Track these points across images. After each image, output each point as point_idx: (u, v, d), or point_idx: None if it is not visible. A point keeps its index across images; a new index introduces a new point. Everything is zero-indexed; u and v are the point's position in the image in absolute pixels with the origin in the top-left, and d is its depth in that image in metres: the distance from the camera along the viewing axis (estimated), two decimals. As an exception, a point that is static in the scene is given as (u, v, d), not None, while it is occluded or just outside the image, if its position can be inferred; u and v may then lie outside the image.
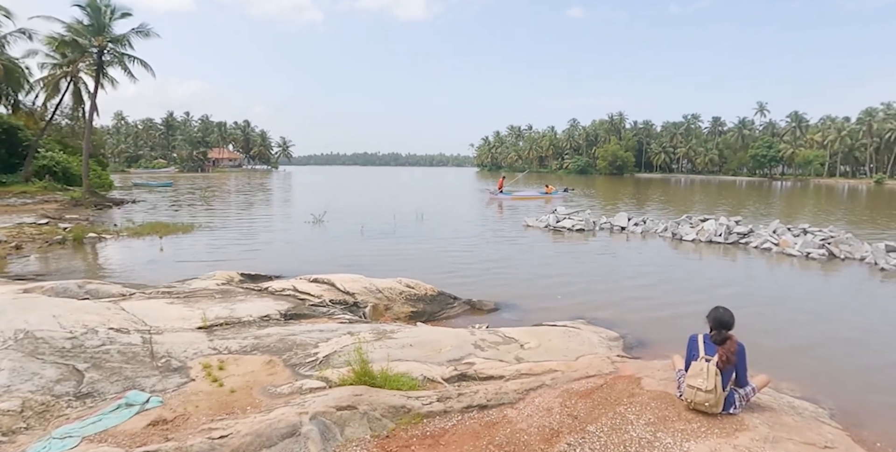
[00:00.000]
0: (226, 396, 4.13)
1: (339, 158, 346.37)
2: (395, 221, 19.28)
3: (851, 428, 4.26)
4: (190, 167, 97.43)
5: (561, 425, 3.71)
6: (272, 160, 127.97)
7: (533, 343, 5.59)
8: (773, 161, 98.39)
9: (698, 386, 3.70)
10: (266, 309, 6.30)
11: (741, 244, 14.78)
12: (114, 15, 25.05)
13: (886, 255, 12.13)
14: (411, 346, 5.18)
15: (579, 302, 8.51)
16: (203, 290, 7.15)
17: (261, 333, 5.42)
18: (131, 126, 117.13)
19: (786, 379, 5.29)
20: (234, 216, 21.99)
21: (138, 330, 5.17)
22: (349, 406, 3.67)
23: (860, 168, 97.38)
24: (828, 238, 13.69)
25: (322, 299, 7.04)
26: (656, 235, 16.69)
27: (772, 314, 8.11)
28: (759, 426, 3.69)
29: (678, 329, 6.36)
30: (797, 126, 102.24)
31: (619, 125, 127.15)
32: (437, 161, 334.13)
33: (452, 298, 8.01)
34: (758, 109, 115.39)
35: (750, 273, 11.73)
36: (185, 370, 4.47)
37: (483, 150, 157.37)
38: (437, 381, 4.49)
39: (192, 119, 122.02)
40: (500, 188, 35.09)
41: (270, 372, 4.59)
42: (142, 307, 5.98)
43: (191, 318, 5.69)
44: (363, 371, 4.18)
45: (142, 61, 25.87)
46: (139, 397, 3.92)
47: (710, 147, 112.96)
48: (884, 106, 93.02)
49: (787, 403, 4.41)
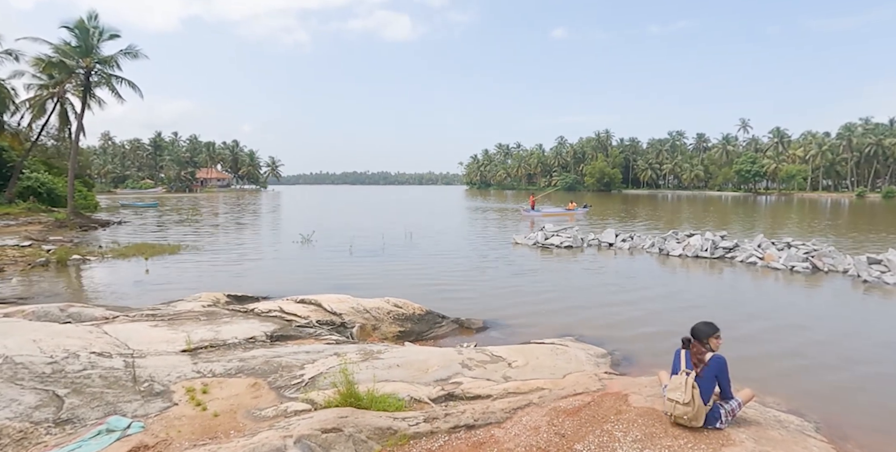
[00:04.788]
0: (209, 420, 4.07)
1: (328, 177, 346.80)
2: (384, 240, 19.25)
3: (836, 441, 4.28)
4: (178, 187, 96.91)
5: (548, 444, 3.69)
6: (261, 179, 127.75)
7: (520, 361, 5.58)
8: (757, 176, 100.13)
9: (676, 400, 3.72)
10: (252, 330, 6.24)
11: (727, 258, 14.94)
12: (102, 36, 25.14)
13: (868, 267, 12.33)
14: (398, 366, 5.15)
15: (567, 319, 8.52)
16: (188, 312, 7.07)
17: (246, 355, 5.36)
18: (118, 146, 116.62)
19: (772, 393, 5.33)
20: (222, 236, 21.85)
21: (121, 353, 5.09)
22: (334, 428, 3.63)
23: (842, 182, 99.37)
24: (811, 251, 13.89)
25: (309, 320, 6.99)
26: (643, 251, 16.82)
27: (758, 328, 8.18)
28: (745, 440, 3.70)
29: (665, 344, 6.39)
30: (779, 141, 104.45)
31: (606, 142, 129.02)
32: (426, 179, 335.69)
33: (441, 317, 7.99)
34: (741, 126, 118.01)
35: (735, 287, 11.85)
36: (168, 394, 4.40)
37: (472, 168, 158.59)
38: (424, 401, 4.46)
39: (181, 139, 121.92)
40: (532, 206, 36.47)
41: (255, 395, 4.53)
42: (125, 330, 5.90)
43: (175, 341, 5.61)
44: (349, 392, 4.14)
45: (129, 82, 25.91)
46: (120, 422, 3.84)
47: (696, 163, 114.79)
48: (862, 121, 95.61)
49: (773, 417, 4.43)
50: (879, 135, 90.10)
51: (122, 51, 25.44)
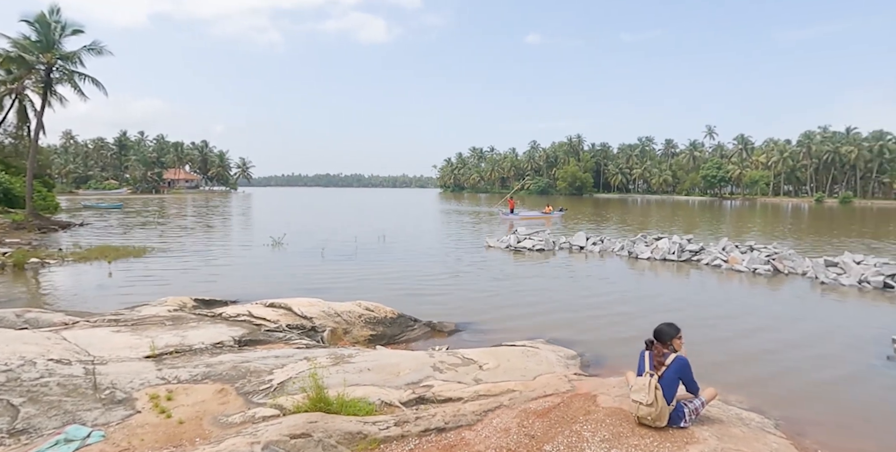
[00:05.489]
0: (174, 428, 3.97)
1: (300, 179, 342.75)
2: (357, 243, 19.11)
3: (795, 437, 4.44)
4: (144, 188, 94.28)
5: (518, 445, 3.72)
6: (231, 181, 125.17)
7: (492, 363, 5.62)
8: (723, 181, 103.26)
9: (640, 401, 3.81)
10: (219, 335, 6.11)
11: (693, 261, 15.33)
12: (64, 31, 24.28)
13: (826, 270, 12.84)
14: (369, 370, 5.12)
15: (539, 321, 8.61)
16: (153, 317, 6.88)
17: (213, 361, 5.24)
18: (81, 145, 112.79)
19: (734, 392, 5.49)
20: (190, 239, 21.33)
21: (81, 360, 4.92)
22: (303, 433, 3.58)
23: (802, 187, 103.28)
24: (772, 254, 14.38)
25: (279, 324, 6.89)
26: (613, 254, 17.13)
27: (722, 328, 8.42)
28: (708, 438, 3.80)
29: (634, 345, 6.50)
30: (743, 148, 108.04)
31: (578, 147, 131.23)
32: (399, 182, 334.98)
33: (413, 320, 7.97)
34: (707, 132, 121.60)
35: (702, 289, 12.17)
36: (130, 401, 4.28)
37: (446, 172, 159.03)
38: (395, 405, 4.44)
39: (147, 138, 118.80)
40: (511, 209, 36.30)
41: (222, 401, 4.44)
42: (86, 336, 5.70)
43: (139, 347, 5.46)
44: (318, 397, 4.10)
45: (93, 79, 25.09)
46: (79, 432, 3.71)
47: (664, 168, 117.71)
48: (821, 129, 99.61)
49: (735, 415, 4.57)
50: (836, 143, 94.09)
51: (85, 47, 24.64)
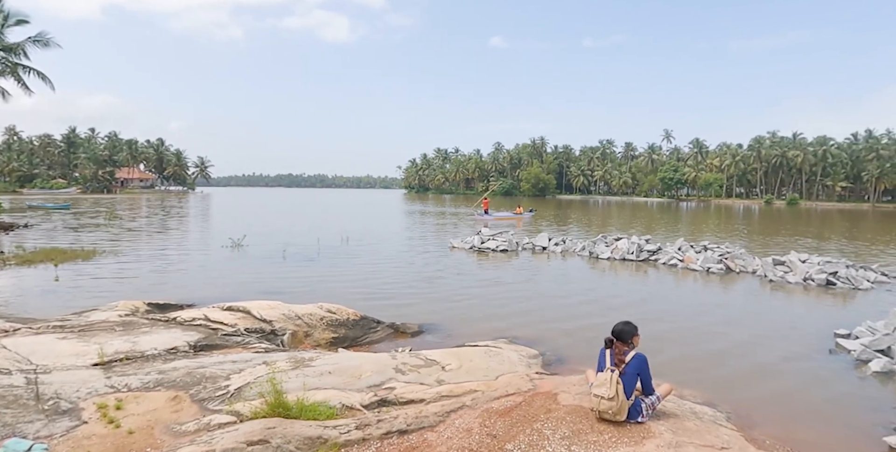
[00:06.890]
0: (123, 438, 3.80)
1: (262, 179, 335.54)
2: (320, 244, 18.82)
3: (745, 429, 4.62)
4: (95, 188, 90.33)
5: (480, 445, 3.73)
6: (189, 181, 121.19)
7: (454, 364, 5.62)
8: (679, 183, 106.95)
9: (602, 395, 3.90)
10: (173, 340, 5.90)
11: (651, 261, 15.79)
12: (7, 21, 23.06)
13: (774, 268, 13.45)
14: (330, 373, 5.04)
15: (502, 321, 8.68)
16: (102, 323, 6.58)
17: (166, 367, 5.05)
18: (25, 142, 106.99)
19: (688, 386, 5.67)
20: (144, 240, 20.53)
21: (21, 369, 4.66)
22: (261, 440, 3.49)
23: (752, 189, 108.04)
24: (725, 254, 14.96)
25: (236, 328, 6.70)
26: (575, 254, 17.46)
27: (678, 325, 8.70)
28: (664, 432, 3.92)
29: (594, 344, 6.59)
30: (699, 151, 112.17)
31: (541, 149, 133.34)
32: (364, 183, 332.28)
33: (376, 322, 7.90)
34: (665, 136, 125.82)
35: (659, 287, 12.54)
36: (76, 412, 4.08)
37: (411, 172, 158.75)
38: (356, 408, 4.39)
39: (98, 136, 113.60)
40: (486, 209, 36.19)
41: (175, 409, 4.28)
42: (28, 343, 5.41)
43: (86, 354, 5.21)
44: (277, 402, 4.01)
45: (39, 72, 23.94)
46: (20, 445, 3.51)
47: (624, 170, 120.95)
48: (769, 134, 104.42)
49: (689, 409, 4.72)
50: (784, 147, 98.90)
51: (30, 38, 23.47)
